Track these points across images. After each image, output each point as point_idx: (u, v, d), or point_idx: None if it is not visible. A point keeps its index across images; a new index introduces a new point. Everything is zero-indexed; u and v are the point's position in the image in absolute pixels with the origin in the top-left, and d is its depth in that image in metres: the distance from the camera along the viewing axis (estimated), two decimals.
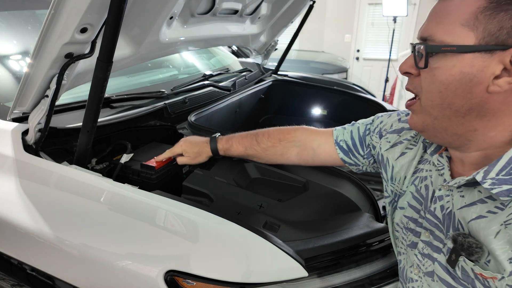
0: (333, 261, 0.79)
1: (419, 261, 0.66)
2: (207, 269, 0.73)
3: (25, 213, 0.88)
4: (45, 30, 0.77)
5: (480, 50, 0.50)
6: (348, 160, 0.89)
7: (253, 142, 0.98)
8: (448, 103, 0.54)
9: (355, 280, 0.79)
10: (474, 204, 0.55)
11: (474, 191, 0.56)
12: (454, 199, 0.59)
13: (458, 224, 0.57)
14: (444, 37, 0.53)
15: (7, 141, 0.96)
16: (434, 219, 0.63)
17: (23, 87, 0.87)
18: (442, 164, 0.64)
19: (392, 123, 0.81)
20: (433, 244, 0.63)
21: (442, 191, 0.62)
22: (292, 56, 5.02)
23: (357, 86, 2.28)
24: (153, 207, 0.82)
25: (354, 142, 0.87)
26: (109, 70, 0.81)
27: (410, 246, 0.70)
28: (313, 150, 0.92)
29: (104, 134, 1.14)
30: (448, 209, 0.60)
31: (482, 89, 0.51)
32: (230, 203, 0.91)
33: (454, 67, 0.52)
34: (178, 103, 1.44)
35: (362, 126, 0.87)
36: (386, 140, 0.79)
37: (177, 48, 1.42)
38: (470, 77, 0.51)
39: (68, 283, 0.84)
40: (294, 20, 1.87)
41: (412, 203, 0.71)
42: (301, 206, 0.93)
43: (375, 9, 5.60)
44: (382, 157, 0.79)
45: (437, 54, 0.54)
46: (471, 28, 0.50)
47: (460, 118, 0.55)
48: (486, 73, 0.50)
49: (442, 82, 0.54)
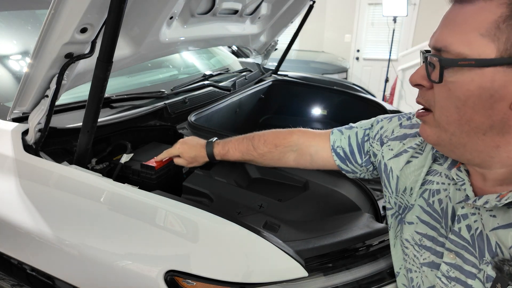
0: (333, 261, 0.79)
1: (444, 285, 0.61)
2: (207, 269, 0.73)
3: (25, 213, 0.88)
4: (45, 30, 0.77)
5: (503, 64, 0.45)
6: (345, 168, 0.85)
7: (249, 147, 0.94)
8: (466, 119, 0.49)
9: (355, 280, 0.79)
10: (511, 226, 0.50)
11: (509, 211, 0.50)
12: (484, 219, 0.54)
13: (496, 248, 0.51)
14: (461, 49, 0.47)
15: (7, 141, 0.96)
16: (460, 240, 0.58)
17: (23, 87, 0.87)
18: (462, 178, 0.58)
19: (393, 128, 0.76)
20: (463, 269, 0.57)
21: (465, 209, 0.57)
22: (292, 56, 5.02)
23: (357, 86, 2.28)
24: (153, 207, 0.82)
25: (352, 149, 0.82)
26: (109, 70, 0.81)
27: (428, 266, 0.64)
28: (310, 156, 0.88)
29: (104, 134, 1.14)
30: (478, 230, 0.55)
31: (504, 106, 0.46)
32: (230, 203, 0.91)
33: (472, 82, 0.47)
34: (178, 103, 1.44)
35: (361, 131, 0.82)
36: (389, 148, 0.74)
37: (177, 48, 1.42)
38: (491, 93, 0.46)
39: (68, 283, 0.84)
40: (294, 20, 1.87)
41: (423, 217, 0.66)
42: (301, 206, 0.93)
43: (375, 9, 5.60)
44: (386, 166, 0.74)
45: (453, 67, 0.48)
46: (491, 38, 0.45)
47: (481, 135, 0.50)
48: (509, 88, 0.45)
49: (459, 97, 0.49)
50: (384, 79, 5.00)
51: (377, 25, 5.64)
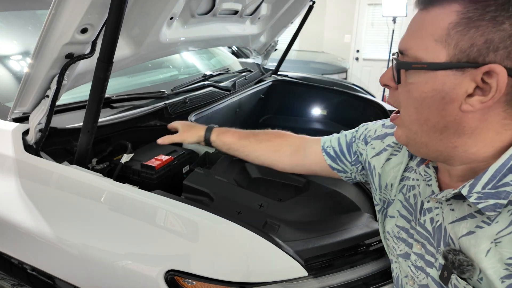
0: (333, 261, 0.79)
1: (413, 273, 0.65)
2: (207, 268, 0.73)
3: (25, 213, 0.88)
4: (46, 31, 0.77)
5: (452, 68, 0.48)
6: (336, 167, 0.87)
7: (249, 134, 1.00)
8: (424, 119, 0.53)
9: (354, 280, 0.79)
10: (465, 219, 0.54)
11: (464, 204, 0.54)
12: (445, 213, 0.58)
13: (449, 239, 0.56)
14: (418, 53, 0.51)
15: (7, 141, 0.96)
16: (424, 231, 0.62)
17: (23, 87, 0.87)
18: (429, 175, 0.62)
19: (376, 128, 0.80)
20: (425, 258, 0.62)
21: (430, 203, 0.61)
22: (292, 56, 5.02)
23: (357, 86, 2.28)
24: (154, 207, 0.82)
25: (341, 148, 0.86)
26: (110, 70, 0.81)
27: (402, 256, 0.69)
28: (304, 151, 0.93)
29: (105, 134, 1.14)
30: (438, 222, 0.59)
31: (455, 107, 0.49)
32: (230, 203, 0.91)
33: (426, 84, 0.50)
34: (178, 103, 1.44)
35: (349, 134, 0.87)
36: (371, 146, 0.78)
37: (177, 49, 1.42)
38: (442, 95, 0.49)
39: (69, 282, 0.84)
40: (294, 20, 1.87)
41: (402, 212, 0.70)
42: (301, 206, 0.93)
43: (375, 9, 5.61)
44: (369, 164, 0.78)
45: (412, 70, 0.52)
46: (443, 44, 0.48)
47: (438, 135, 0.53)
48: (458, 91, 0.48)
49: (417, 98, 0.52)
50: None
51: (377, 26, 5.64)
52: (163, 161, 1.03)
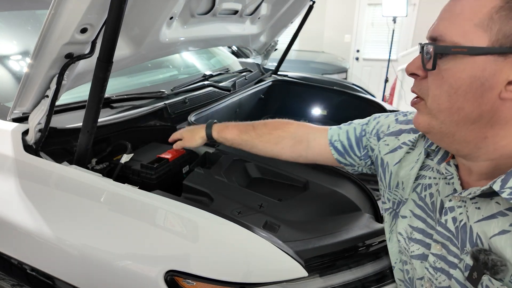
0: (333, 261, 0.79)
1: (431, 275, 0.63)
2: (207, 269, 0.73)
3: (25, 213, 0.88)
4: (45, 30, 0.77)
5: (493, 53, 0.46)
6: (343, 161, 0.86)
7: (248, 127, 0.97)
8: (457, 107, 0.51)
9: (354, 280, 0.79)
10: (494, 217, 0.51)
11: (491, 202, 0.52)
12: (469, 211, 0.55)
13: (477, 239, 0.54)
14: (455, 38, 0.49)
15: (7, 141, 0.96)
16: (446, 231, 0.60)
17: (23, 87, 0.87)
18: (451, 173, 0.60)
19: (389, 124, 0.78)
20: (447, 259, 0.59)
21: (452, 202, 0.59)
22: (292, 56, 5.02)
23: (357, 86, 2.28)
24: (153, 207, 0.82)
25: (351, 143, 0.83)
26: (109, 70, 0.81)
27: (417, 258, 0.66)
28: (307, 142, 0.89)
29: (104, 134, 1.14)
30: (462, 222, 0.57)
31: (494, 95, 0.48)
32: (230, 203, 0.91)
33: (464, 70, 0.49)
34: (178, 103, 1.44)
35: (358, 126, 0.84)
36: (385, 143, 0.76)
37: (177, 48, 1.42)
38: (482, 81, 0.48)
39: (68, 283, 0.84)
40: (294, 20, 1.87)
41: (416, 212, 0.67)
42: (301, 206, 0.93)
43: (375, 9, 5.61)
44: (382, 161, 0.76)
45: (447, 55, 0.50)
46: (484, 29, 0.47)
47: (470, 125, 0.51)
48: (498, 78, 0.47)
49: (451, 85, 0.50)
50: (384, 79, 5.00)
51: (377, 26, 5.64)
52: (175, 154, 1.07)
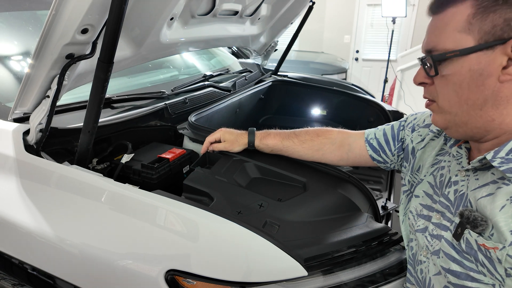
0: (332, 260, 0.79)
1: (428, 243, 0.70)
2: (208, 268, 0.73)
3: (26, 213, 0.88)
4: (46, 31, 0.78)
5: (482, 48, 0.55)
6: (377, 158, 0.94)
7: (291, 134, 1.03)
8: (464, 98, 0.59)
9: (354, 279, 0.79)
10: (487, 185, 0.60)
11: (488, 173, 0.61)
12: (470, 183, 0.64)
13: (468, 203, 0.62)
14: (447, 45, 0.58)
15: (8, 141, 0.96)
16: (446, 201, 0.68)
17: (24, 87, 0.88)
18: (461, 154, 0.69)
19: (424, 118, 0.87)
20: (442, 224, 0.67)
21: (458, 177, 0.67)
22: (292, 56, 5.03)
23: (357, 86, 2.28)
24: (154, 207, 0.82)
25: (387, 138, 0.92)
26: (110, 70, 0.81)
27: (420, 231, 0.73)
28: (349, 146, 0.98)
29: (105, 135, 1.14)
30: (461, 192, 0.65)
31: (493, 80, 0.56)
32: (230, 203, 0.91)
33: (462, 68, 0.57)
34: (179, 103, 1.44)
35: (396, 123, 0.94)
36: (418, 133, 0.85)
37: (177, 49, 1.42)
38: (480, 72, 0.56)
39: (69, 282, 0.84)
40: (294, 21, 1.88)
41: (429, 191, 0.75)
42: (301, 206, 0.93)
43: (374, 10, 5.61)
44: (413, 149, 0.85)
45: (445, 61, 0.59)
46: (467, 32, 0.56)
47: (478, 111, 0.59)
48: (493, 66, 0.55)
49: (455, 83, 0.59)
50: (383, 80, 5.00)
51: (376, 26, 5.65)
52: (176, 154, 1.08)
